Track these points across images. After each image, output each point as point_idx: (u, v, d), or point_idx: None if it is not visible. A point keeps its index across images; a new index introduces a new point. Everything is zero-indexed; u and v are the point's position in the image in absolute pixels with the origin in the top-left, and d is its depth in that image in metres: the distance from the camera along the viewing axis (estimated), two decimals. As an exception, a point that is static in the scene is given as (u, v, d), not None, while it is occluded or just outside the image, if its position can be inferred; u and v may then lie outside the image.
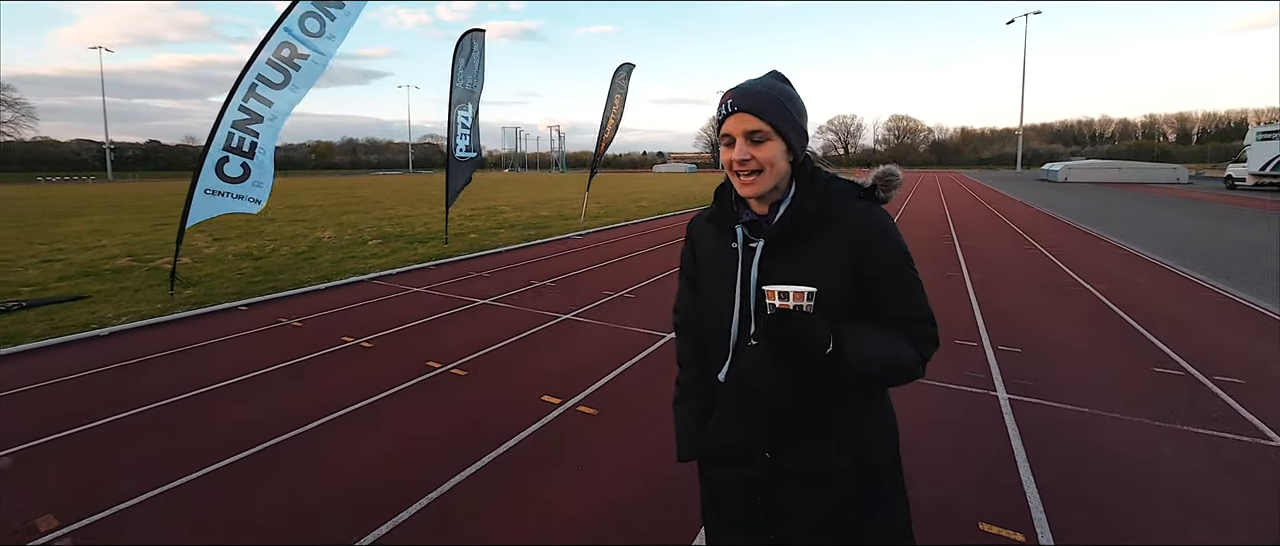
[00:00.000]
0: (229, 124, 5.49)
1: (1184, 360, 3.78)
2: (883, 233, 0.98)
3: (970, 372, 3.59)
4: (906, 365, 0.96)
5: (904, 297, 0.99)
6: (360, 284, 6.34)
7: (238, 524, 2.13)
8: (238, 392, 3.34)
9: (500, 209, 16.33)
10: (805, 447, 1.01)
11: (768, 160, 0.97)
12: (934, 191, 24.38)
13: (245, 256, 8.13)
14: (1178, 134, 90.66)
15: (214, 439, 2.77)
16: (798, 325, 0.90)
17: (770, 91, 0.98)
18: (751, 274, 1.00)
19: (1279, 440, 2.70)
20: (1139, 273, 6.76)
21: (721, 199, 1.08)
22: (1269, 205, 16.17)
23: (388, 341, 4.28)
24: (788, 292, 0.91)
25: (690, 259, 1.17)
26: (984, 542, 1.99)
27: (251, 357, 3.91)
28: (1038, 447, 2.64)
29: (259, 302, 5.50)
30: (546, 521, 2.13)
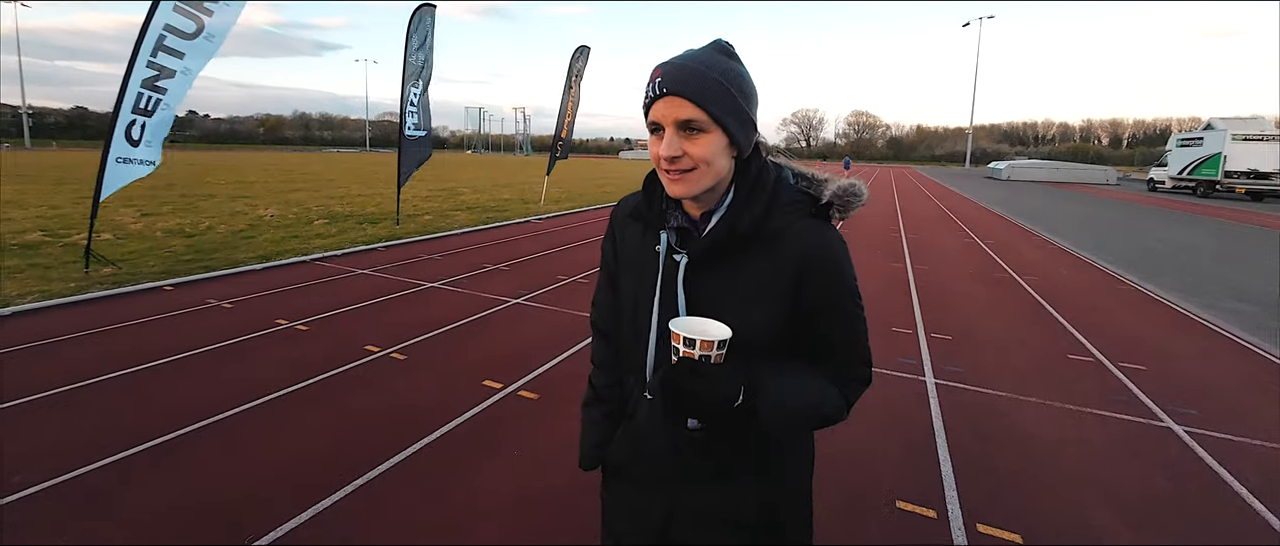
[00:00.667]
0: (138, 84, 5.05)
1: (1095, 348, 4.06)
2: (832, 263, 0.83)
3: (903, 359, 3.76)
4: (828, 414, 0.84)
5: (844, 338, 0.86)
6: (302, 265, 6.06)
7: (146, 515, 2.01)
8: (154, 377, 3.14)
9: (459, 190, 15.89)
10: (712, 487, 0.90)
11: (703, 157, 0.79)
12: (888, 186, 25.24)
13: (176, 233, 7.63)
14: (1111, 138, 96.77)
15: (124, 425, 2.60)
16: (700, 382, 0.76)
17: (711, 71, 0.78)
18: (677, 294, 0.86)
19: (1168, 421, 2.95)
20: (1064, 266, 7.21)
21: (649, 192, 0.92)
22: (1183, 206, 17.52)
23: (325, 325, 4.12)
24: (694, 340, 0.76)
25: (610, 253, 1.01)
26: (900, 520, 2.10)
27: (172, 340, 3.68)
28: (957, 430, 2.79)
29: (187, 282, 5.18)
30: (472, 505, 2.10)
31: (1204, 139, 22.14)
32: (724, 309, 0.83)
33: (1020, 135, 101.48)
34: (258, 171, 22.65)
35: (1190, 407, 3.11)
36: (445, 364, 3.45)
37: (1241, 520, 2.15)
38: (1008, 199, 18.83)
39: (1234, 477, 2.42)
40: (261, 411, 2.78)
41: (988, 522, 2.08)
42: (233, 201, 11.66)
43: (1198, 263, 7.77)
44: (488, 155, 77.18)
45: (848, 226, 10.52)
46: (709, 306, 0.84)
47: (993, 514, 2.13)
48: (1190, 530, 2.07)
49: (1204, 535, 2.05)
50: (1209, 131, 22.04)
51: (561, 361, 3.54)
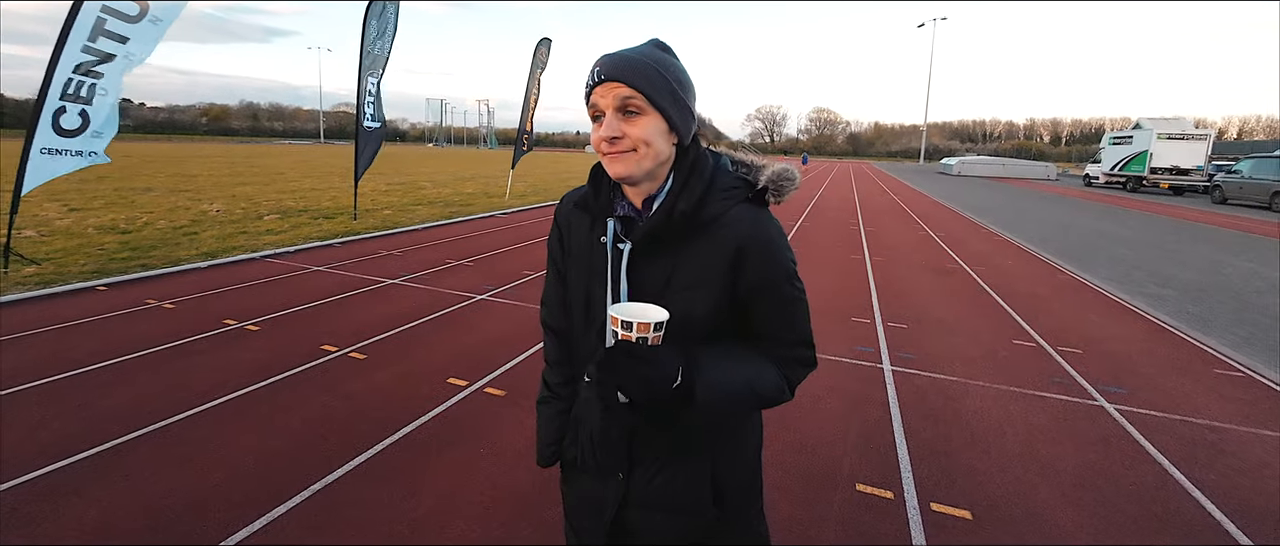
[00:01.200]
0: (69, 68, 4.68)
1: (1037, 333, 4.32)
2: (767, 243, 0.86)
3: (861, 347, 3.90)
4: (767, 395, 0.86)
5: (781, 317, 0.89)
6: (250, 262, 5.77)
7: (88, 528, 1.88)
8: (87, 383, 2.94)
9: (420, 184, 15.44)
10: (660, 476, 0.92)
11: (642, 137, 0.82)
12: (847, 180, 26.00)
13: (109, 229, 7.13)
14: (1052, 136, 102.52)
15: (56, 435, 2.42)
16: (637, 363, 0.77)
17: (646, 59, 0.83)
18: (620, 281, 0.88)
19: (1100, 399, 3.17)
20: (1009, 257, 7.62)
21: (595, 182, 0.93)
22: (1114, 200, 18.77)
23: (278, 324, 3.94)
24: (631, 322, 0.78)
25: (558, 248, 1.02)
26: (860, 502, 2.18)
27: (107, 344, 3.45)
28: (912, 414, 2.92)
29: (122, 282, 4.85)
30: (440, 505, 2.07)
31: (1133, 137, 23.72)
32: (667, 294, 0.86)
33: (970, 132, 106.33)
34: (201, 164, 21.36)
35: (1119, 387, 3.35)
36: (408, 362, 3.36)
37: (1162, 487, 2.33)
38: (958, 194, 19.70)
39: (1156, 449, 2.63)
40: (210, 415, 2.65)
41: (941, 501, 2.19)
42: (173, 196, 10.97)
43: (1126, 253, 8.35)
44: (450, 148, 75.24)
45: (812, 219, 10.80)
46: (653, 292, 0.87)
47: (945, 493, 2.25)
48: (1119, 498, 2.24)
49: (1130, 502, 2.22)
50: (1137, 130, 23.63)
51: (528, 357, 3.51)
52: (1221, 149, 27.54)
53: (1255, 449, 2.67)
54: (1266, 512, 2.19)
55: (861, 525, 2.04)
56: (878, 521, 2.07)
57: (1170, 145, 22.17)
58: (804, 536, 1.97)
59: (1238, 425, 2.91)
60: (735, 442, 0.96)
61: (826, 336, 4.04)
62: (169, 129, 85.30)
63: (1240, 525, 2.10)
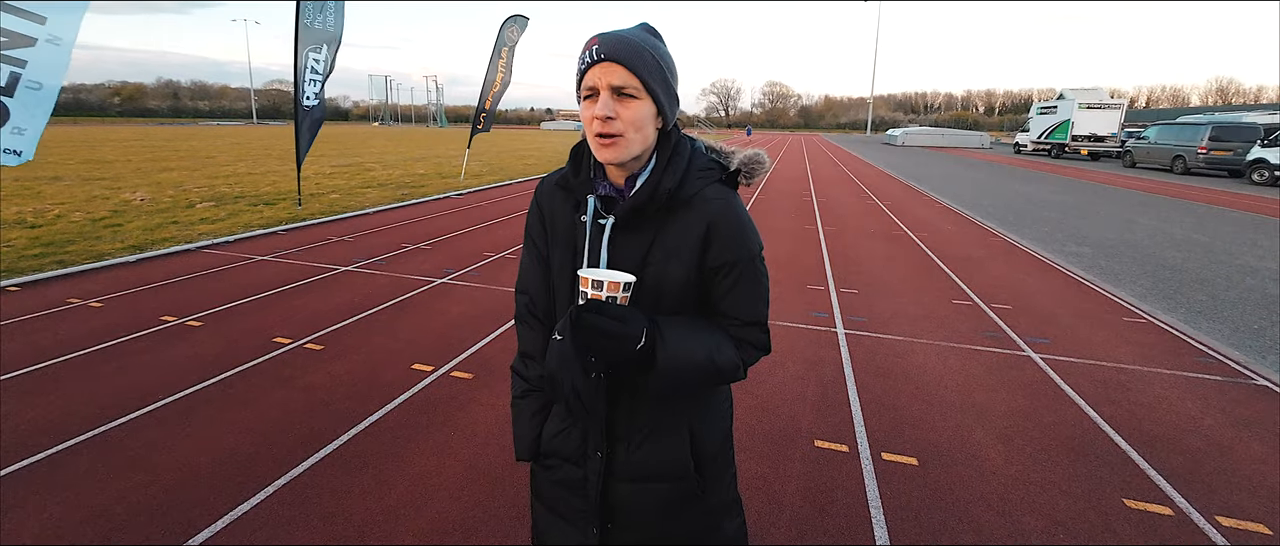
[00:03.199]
0: None
1: (973, 293, 4.65)
2: (735, 222, 0.91)
3: (815, 312, 4.09)
4: (724, 369, 0.90)
5: (739, 296, 0.93)
6: (185, 254, 5.41)
7: (30, 539, 1.79)
8: (8, 390, 2.73)
9: (368, 166, 14.71)
10: (641, 448, 0.96)
11: (634, 121, 0.85)
12: (800, 153, 26.60)
13: (16, 224, 6.48)
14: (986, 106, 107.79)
15: (-19, 448, 2.25)
16: (605, 320, 0.81)
17: (644, 44, 0.85)
18: (601, 255, 0.91)
19: (1027, 350, 3.48)
20: (948, 222, 8.09)
21: (576, 161, 0.96)
22: (1040, 166, 20.09)
23: (222, 318, 3.75)
24: (602, 282, 0.82)
25: (538, 228, 1.02)
26: (818, 456, 2.34)
27: (28, 347, 3.20)
28: (863, 372, 3.12)
29: (37, 280, 4.46)
30: (413, 490, 2.08)
31: (1058, 107, 25.32)
32: (644, 266, 0.90)
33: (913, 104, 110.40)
34: (115, 148, 19.52)
35: (1043, 337, 3.68)
36: (368, 350, 3.29)
37: (1079, 424, 2.62)
38: (902, 163, 20.56)
39: (1074, 391, 2.94)
40: (156, 417, 2.53)
41: (890, 450, 2.38)
42: (87, 184, 10.05)
43: (1050, 215, 9.02)
44: (396, 127, 71.60)
45: (767, 192, 11.04)
46: (630, 264, 0.90)
47: (894, 443, 2.44)
48: (1043, 436, 2.50)
49: (1053, 439, 2.48)
50: (1061, 100, 25.23)
51: (494, 338, 3.50)
52: (1133, 117, 29.83)
53: (1154, 386, 3.02)
54: (1162, 439, 2.50)
55: (820, 478, 2.20)
56: (835, 473, 2.23)
57: (1089, 114, 23.82)
58: (768, 492, 2.11)
59: (1140, 366, 3.27)
60: (710, 412, 1.01)
61: (784, 303, 4.22)
62: (75, 110, 76.98)
63: (1142, 453, 2.39)
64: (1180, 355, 3.44)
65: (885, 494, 2.10)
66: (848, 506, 2.04)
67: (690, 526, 1.00)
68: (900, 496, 2.09)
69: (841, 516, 1.99)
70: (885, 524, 1.95)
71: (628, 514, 0.98)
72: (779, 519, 1.97)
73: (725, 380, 0.93)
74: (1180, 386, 3.02)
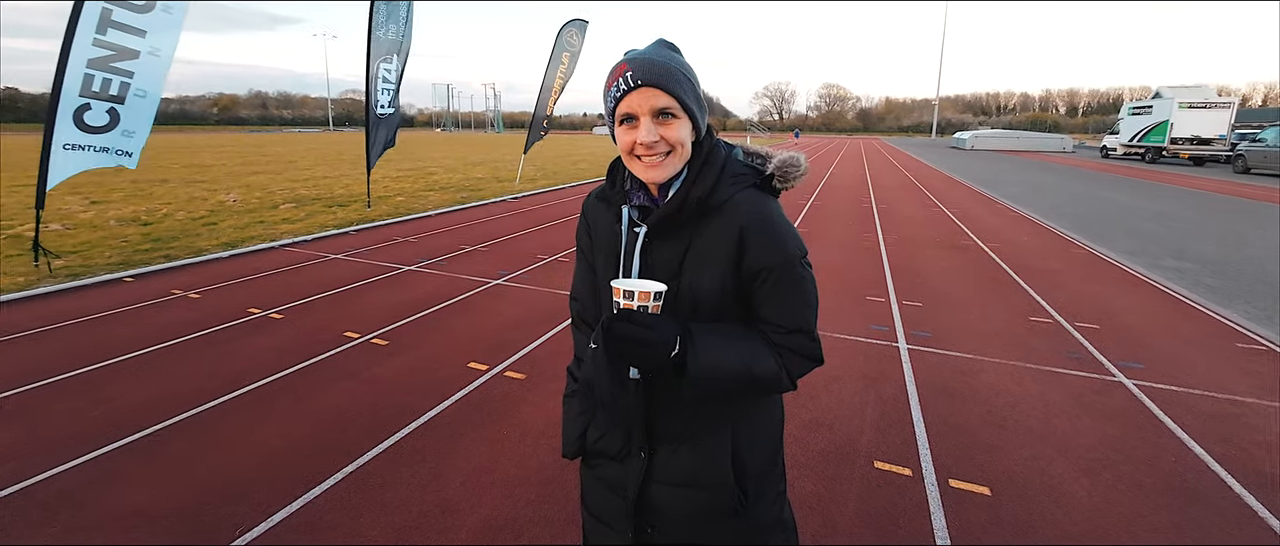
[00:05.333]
0: (82, 63, 4.72)
1: (1053, 309, 4.30)
2: (768, 229, 0.89)
3: (876, 325, 3.91)
4: (763, 378, 0.88)
5: (780, 303, 0.90)
6: (269, 251, 5.86)
7: (124, 513, 1.98)
8: (121, 372, 3.04)
9: (431, 170, 15.48)
10: (680, 452, 0.96)
11: (677, 140, 0.87)
12: (858, 157, 25.63)
13: (131, 221, 7.26)
14: (1068, 107, 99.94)
15: (94, 423, 2.52)
16: (635, 328, 0.82)
17: (673, 64, 0.87)
18: (634, 263, 0.93)
19: (1119, 375, 3.17)
20: (1024, 232, 7.53)
21: (612, 176, 0.99)
22: (1132, 172, 18.36)
23: (301, 312, 4.03)
24: (633, 291, 0.83)
25: (585, 239, 1.06)
26: (878, 478, 2.22)
27: (138, 333, 3.56)
28: (928, 391, 2.94)
29: (148, 273, 4.96)
30: (467, 485, 2.14)
31: (1153, 107, 23.08)
32: (679, 273, 0.91)
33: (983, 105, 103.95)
34: (213, 154, 21.54)
35: (1137, 361, 3.34)
36: (428, 347, 3.43)
37: (1182, 461, 2.35)
38: (971, 168, 19.38)
39: (1175, 423, 2.64)
40: (241, 403, 2.74)
41: (959, 477, 2.22)
42: (189, 186, 11.11)
43: (1144, 225, 8.21)
44: (457, 133, 74.99)
45: (822, 199, 10.71)
46: (665, 272, 0.92)
47: (963, 469, 2.28)
48: (1137, 472, 2.26)
49: (1150, 476, 2.24)
50: (1157, 99, 22.97)
51: (546, 341, 3.56)
52: (1245, 117, 26.72)
53: (1277, 423, 2.67)
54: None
55: (880, 501, 2.08)
56: (897, 498, 2.10)
57: (1191, 114, 21.54)
58: (824, 513, 2.02)
59: (1260, 399, 2.90)
60: (754, 422, 0.99)
61: (841, 315, 4.06)
62: (180, 119, 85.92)
63: (1261, 499, 2.11)
64: (1307, 388, 3.03)
65: (953, 525, 1.96)
66: (911, 535, 1.92)
67: (731, 539, 0.98)
68: (971, 528, 1.95)
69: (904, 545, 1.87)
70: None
71: (666, 518, 0.98)
72: (834, 542, 1.88)
73: (768, 390, 0.90)
74: (1308, 424, 2.65)
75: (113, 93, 4.94)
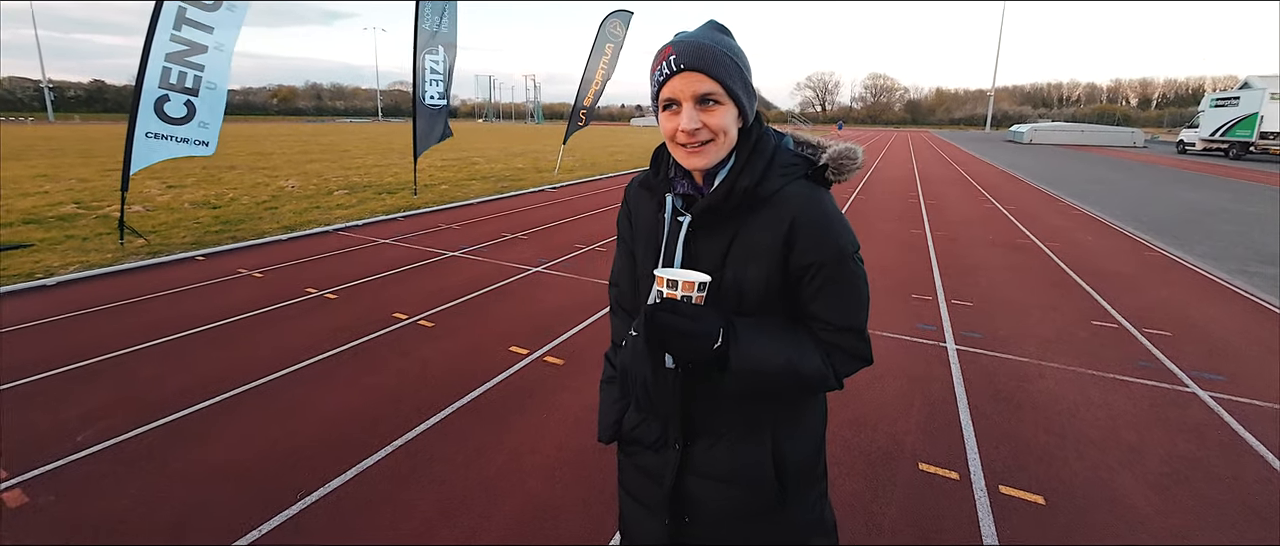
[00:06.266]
0: (161, 57, 5.07)
1: (1120, 314, 4.03)
2: (819, 220, 0.85)
3: (922, 325, 3.77)
4: (808, 377, 0.85)
5: (830, 300, 0.86)
6: (325, 235, 6.16)
7: (200, 472, 2.14)
8: (194, 344, 3.27)
9: (473, 160, 15.86)
10: (718, 446, 0.94)
11: (721, 127, 0.83)
12: (905, 151, 24.65)
13: (202, 204, 7.77)
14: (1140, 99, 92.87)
15: (169, 389, 2.73)
16: (679, 319, 0.80)
17: (719, 47, 0.82)
18: (676, 253, 0.90)
19: (1193, 387, 2.95)
20: (1088, 232, 7.08)
21: (656, 163, 0.96)
22: (1213, 169, 16.93)
23: (353, 293, 4.22)
24: (676, 280, 0.81)
25: (626, 226, 1.04)
26: (923, 481, 2.16)
27: (210, 308, 3.81)
28: (979, 394, 2.82)
29: (217, 252, 5.31)
30: (511, 464, 2.20)
31: (1240, 98, 21.18)
32: (723, 265, 0.88)
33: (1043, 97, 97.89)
34: (274, 142, 22.75)
35: (1216, 372, 3.10)
36: (472, 330, 3.54)
37: (1265, 482, 2.17)
38: (1029, 163, 18.31)
39: (1258, 441, 2.44)
40: (303, 376, 2.90)
41: (1010, 484, 2.13)
42: (253, 173, 11.78)
43: (1226, 227, 7.57)
44: (498, 124, 76.48)
45: (866, 194, 10.37)
46: (709, 263, 0.88)
47: (1015, 476, 2.18)
48: (1214, 490, 2.11)
49: (1227, 496, 2.08)
50: (1246, 90, 21.07)
51: (583, 328, 3.61)
52: (1351, 110, 24.12)
53: (1378, 444, 2.43)
54: (1388, 513, 2.00)
55: (925, 504, 2.02)
56: (942, 501, 2.04)
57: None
58: (866, 514, 1.98)
59: (1357, 418, 2.64)
60: (796, 420, 0.96)
61: (885, 313, 3.93)
62: (244, 110, 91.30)
63: (1355, 524, 1.93)
64: None
65: (1003, 531, 1.89)
66: (958, 540, 1.85)
67: (770, 538, 0.96)
68: (1021, 536, 1.87)
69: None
70: (1003, 565, 1.75)
71: (703, 511, 0.96)
72: (876, 543, 1.84)
73: (812, 389, 0.88)
74: None
75: (188, 85, 5.28)
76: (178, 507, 1.94)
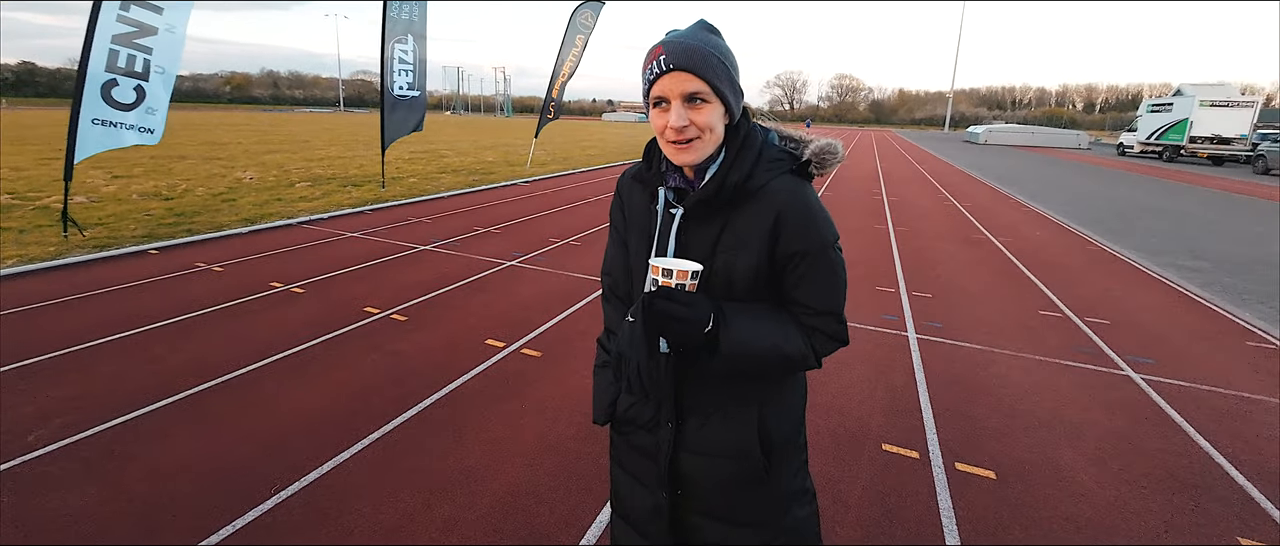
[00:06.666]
0: (107, 39, 4.80)
1: (1065, 304, 4.31)
2: (804, 212, 0.91)
3: (886, 315, 3.94)
4: (791, 357, 0.92)
5: (812, 286, 0.93)
6: (289, 228, 5.96)
7: (165, 469, 2.08)
8: (154, 339, 3.15)
9: (442, 153, 15.53)
10: (709, 423, 1.00)
11: (707, 125, 0.88)
12: (869, 149, 25.39)
13: (153, 196, 7.39)
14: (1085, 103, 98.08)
15: (131, 386, 2.63)
16: (675, 305, 0.85)
17: (707, 46, 0.87)
18: (669, 243, 0.96)
19: (1127, 370, 3.19)
20: (1037, 227, 7.49)
21: (649, 157, 1.01)
22: (1149, 170, 18.10)
23: (321, 287, 4.12)
24: (671, 269, 0.86)
25: (620, 217, 1.09)
26: (887, 461, 2.28)
27: (166, 303, 3.66)
28: (937, 379, 2.99)
29: (172, 246, 5.08)
30: (489, 454, 2.22)
31: (1173, 104, 22.64)
32: (713, 255, 0.94)
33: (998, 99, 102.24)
34: (229, 132, 21.71)
35: (1148, 357, 3.36)
36: (446, 324, 3.51)
37: (1188, 455, 2.39)
38: (985, 162, 19.16)
39: (1183, 418, 2.67)
40: (272, 370, 2.83)
41: (965, 461, 2.28)
42: (207, 163, 11.24)
43: (1159, 224, 8.14)
44: (467, 116, 74.93)
45: (833, 189, 10.67)
46: (699, 254, 0.94)
47: (970, 453, 2.33)
48: (1146, 463, 2.31)
49: (1156, 467, 2.28)
50: (1178, 97, 22.52)
51: (560, 321, 3.63)
52: (1268, 117, 26.13)
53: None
54: (1290, 478, 2.23)
55: (888, 482, 2.14)
56: (904, 479, 2.17)
57: (1213, 113, 21.12)
58: (835, 492, 2.08)
59: (1269, 397, 2.92)
60: (780, 397, 1.03)
61: (853, 304, 4.09)
62: (194, 97, 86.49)
63: (1267, 493, 2.15)
64: (1317, 387, 3.04)
65: (959, 505, 2.02)
66: (918, 513, 1.98)
67: (757, 506, 1.03)
68: (975, 508, 2.01)
69: (911, 523, 1.94)
70: (958, 535, 1.88)
71: (695, 485, 1.02)
72: (845, 519, 1.95)
73: (795, 368, 0.95)
74: (1315, 421, 2.68)
75: (137, 69, 5.02)
76: (141, 506, 1.89)
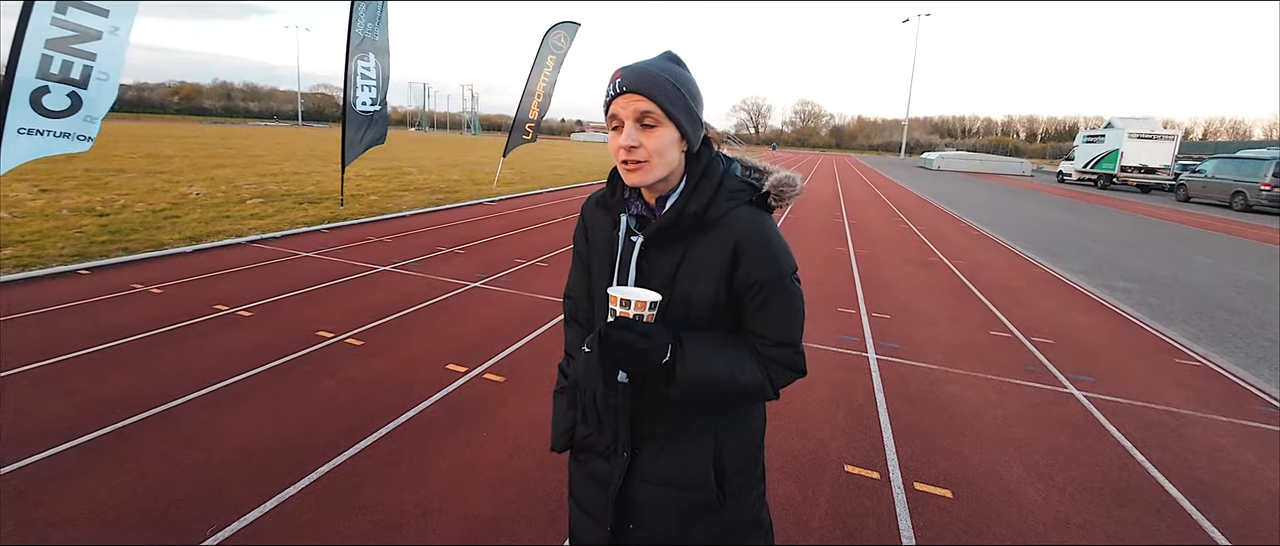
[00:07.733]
0: (40, 44, 4.51)
1: (1012, 324, 4.52)
2: (762, 243, 0.92)
3: (846, 336, 4.04)
4: (747, 387, 0.92)
5: (769, 316, 0.94)
6: (237, 247, 5.69)
7: (89, 510, 1.91)
8: (79, 367, 2.92)
9: (405, 170, 15.21)
10: (664, 452, 0.99)
11: (656, 149, 0.89)
12: (831, 174, 26.32)
13: (85, 211, 6.93)
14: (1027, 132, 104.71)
15: (51, 419, 2.42)
16: (633, 335, 0.86)
17: (663, 73, 0.89)
18: (630, 270, 0.96)
19: (1070, 387, 3.36)
20: (986, 251, 7.88)
21: (613, 183, 1.01)
22: (1086, 197, 19.39)
23: (271, 310, 3.93)
24: (629, 300, 0.86)
25: (582, 242, 1.09)
26: (848, 482, 2.31)
27: (96, 328, 3.41)
28: (896, 399, 3.07)
29: (105, 266, 4.76)
30: (446, 485, 2.14)
31: (1105, 136, 24.44)
32: (673, 282, 0.94)
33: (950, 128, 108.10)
34: (174, 145, 20.69)
35: (1087, 374, 3.55)
36: (405, 348, 3.40)
37: (1124, 467, 2.52)
38: (938, 188, 20.13)
39: (1119, 433, 2.82)
40: (210, 400, 2.66)
41: (923, 481, 2.33)
42: (148, 177, 10.66)
43: (1096, 247, 8.70)
44: (432, 133, 73.87)
45: (796, 213, 10.96)
46: (659, 281, 0.94)
47: (927, 473, 2.39)
48: (1086, 477, 2.42)
49: (1096, 480, 2.39)
50: (1109, 129, 24.34)
51: (525, 344, 3.57)
52: (1187, 149, 28.53)
53: (1208, 432, 2.88)
54: (1216, 489, 2.38)
55: (850, 504, 2.17)
56: (865, 500, 2.20)
57: (1140, 144, 22.90)
58: (796, 514, 2.09)
59: (1193, 410, 3.12)
60: (737, 426, 1.02)
61: (813, 325, 4.18)
62: (138, 107, 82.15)
63: (1194, 502, 2.28)
64: (1238, 402, 3.27)
65: (918, 525, 2.06)
66: (878, 535, 2.00)
67: (710, 537, 1.01)
68: (933, 528, 2.05)
69: (872, 544, 1.96)
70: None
71: (649, 514, 1.01)
72: (806, 541, 1.95)
73: (751, 398, 0.95)
74: (1237, 435, 2.87)
75: (74, 76, 4.73)
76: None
